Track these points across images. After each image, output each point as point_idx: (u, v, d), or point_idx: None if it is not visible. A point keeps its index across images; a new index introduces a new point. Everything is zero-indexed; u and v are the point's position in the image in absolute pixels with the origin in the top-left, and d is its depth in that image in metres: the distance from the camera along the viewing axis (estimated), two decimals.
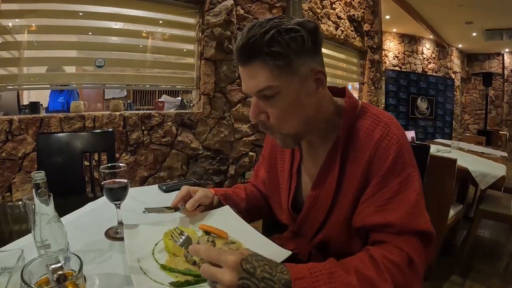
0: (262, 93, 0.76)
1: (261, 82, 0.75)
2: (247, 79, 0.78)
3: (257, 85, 0.75)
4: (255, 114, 0.79)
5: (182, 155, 3.07)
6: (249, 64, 0.75)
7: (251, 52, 0.73)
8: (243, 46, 0.74)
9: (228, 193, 1.09)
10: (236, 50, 0.76)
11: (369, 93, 5.50)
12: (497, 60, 10.11)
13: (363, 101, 0.91)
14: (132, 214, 1.02)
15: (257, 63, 0.74)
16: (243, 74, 0.78)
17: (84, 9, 2.72)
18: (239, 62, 0.78)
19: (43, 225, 0.69)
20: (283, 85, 0.75)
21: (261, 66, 0.74)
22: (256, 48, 0.72)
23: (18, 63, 2.57)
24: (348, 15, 4.80)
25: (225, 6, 3.13)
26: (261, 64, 0.74)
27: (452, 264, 2.43)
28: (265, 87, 0.75)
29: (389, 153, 0.77)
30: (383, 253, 0.69)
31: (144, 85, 3.47)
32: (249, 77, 0.77)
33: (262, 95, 0.77)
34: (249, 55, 0.74)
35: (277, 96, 0.76)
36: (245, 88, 0.79)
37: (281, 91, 0.76)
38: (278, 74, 0.74)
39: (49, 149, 1.69)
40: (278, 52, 0.72)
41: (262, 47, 0.71)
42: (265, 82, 0.74)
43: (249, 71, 0.76)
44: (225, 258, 0.59)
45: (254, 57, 0.73)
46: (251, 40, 0.72)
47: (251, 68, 0.75)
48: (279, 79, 0.75)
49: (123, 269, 0.74)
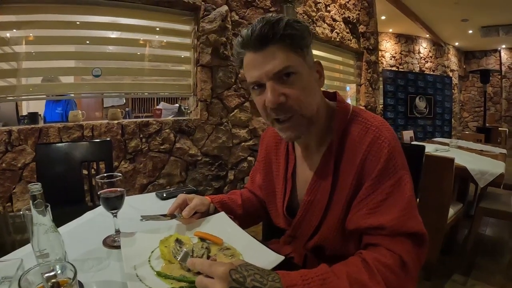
0: (281, 73, 0.79)
1: (281, 62, 0.78)
2: (263, 63, 0.79)
3: (277, 65, 0.78)
4: (275, 97, 0.79)
5: (181, 161, 3.08)
6: (266, 47, 0.79)
7: (268, 36, 0.78)
8: (261, 31, 0.78)
9: (224, 200, 1.10)
10: (250, 37, 0.79)
11: (367, 94, 5.51)
12: (494, 57, 10.12)
13: (354, 106, 0.93)
14: (130, 222, 1.03)
15: (274, 45, 0.79)
16: (258, 59, 0.80)
17: (81, 19, 2.75)
18: (254, 49, 0.80)
19: (41, 235, 0.70)
20: (298, 66, 0.80)
21: (279, 48, 0.79)
22: (273, 33, 0.77)
23: (16, 74, 2.60)
24: (343, 17, 4.83)
25: (220, 13, 3.16)
26: (278, 46, 0.79)
27: (454, 263, 2.43)
28: (285, 66, 0.78)
29: (380, 156, 0.79)
30: (376, 256, 0.70)
31: (142, 93, 3.49)
32: (267, 60, 0.79)
33: (280, 77, 0.79)
34: (266, 39, 0.78)
35: (294, 76, 0.80)
36: (261, 72, 0.80)
37: (298, 71, 0.80)
38: (294, 56, 0.80)
39: (48, 159, 1.71)
40: (293, 35, 0.79)
41: (278, 30, 0.77)
42: (285, 62, 0.78)
43: (266, 54, 0.79)
44: (215, 269, 0.61)
45: (272, 40, 0.78)
46: (267, 26, 0.77)
47: (269, 51, 0.79)
48: (296, 60, 0.80)
49: (120, 277, 0.76)
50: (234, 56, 0.88)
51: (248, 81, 0.85)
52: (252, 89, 0.85)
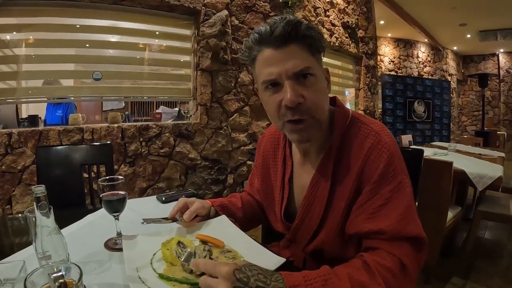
0: (301, 73, 0.79)
1: (303, 62, 0.79)
2: (284, 60, 0.79)
3: (299, 64, 0.78)
4: (296, 96, 0.78)
5: (181, 165, 3.09)
6: (287, 45, 0.79)
7: (291, 35, 0.78)
8: (284, 29, 0.78)
9: (225, 203, 1.10)
10: (270, 34, 0.79)
11: (366, 99, 5.53)
12: (492, 61, 10.16)
13: (353, 111, 0.93)
14: (131, 225, 1.04)
15: (295, 45, 0.80)
16: (278, 56, 0.80)
17: (81, 23, 2.75)
18: (274, 46, 0.80)
19: (44, 237, 0.71)
20: (316, 69, 0.81)
21: (300, 47, 0.80)
22: (296, 32, 0.79)
23: (16, 76, 2.60)
24: (342, 22, 4.85)
25: (220, 17, 3.18)
26: (299, 45, 0.80)
27: (453, 266, 2.43)
28: (306, 67, 0.79)
29: (380, 161, 0.79)
30: (376, 259, 0.71)
31: (142, 97, 3.50)
32: (288, 58, 0.79)
33: (298, 77, 0.79)
34: (289, 37, 0.79)
35: (312, 78, 0.80)
36: (281, 69, 0.79)
37: (315, 74, 0.81)
38: (312, 58, 0.81)
39: (49, 162, 1.71)
40: (313, 37, 0.80)
41: (300, 30, 0.79)
42: (306, 62, 0.79)
43: (287, 53, 0.79)
44: (219, 269, 0.62)
45: (294, 39, 0.79)
46: (290, 25, 0.78)
47: (290, 49, 0.79)
48: (314, 62, 0.81)
49: (122, 279, 0.76)
50: (245, 53, 0.87)
51: (264, 79, 0.82)
52: (265, 88, 0.84)
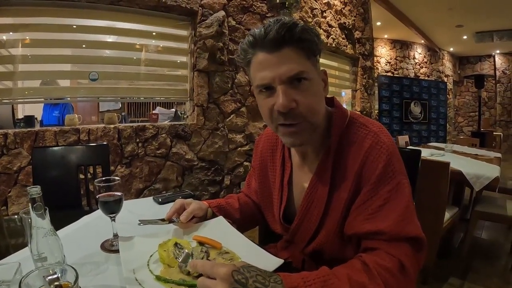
0: (295, 77, 0.78)
1: (297, 66, 0.77)
2: (277, 64, 0.77)
3: (293, 69, 0.77)
4: (288, 101, 0.77)
5: (177, 166, 3.07)
6: (281, 49, 0.77)
7: (285, 38, 0.77)
8: (277, 33, 0.76)
9: (222, 204, 1.09)
10: (264, 37, 0.78)
11: (362, 100, 5.54)
12: (489, 62, 10.24)
13: (351, 111, 0.93)
14: (127, 226, 1.03)
15: (290, 48, 0.78)
16: (271, 60, 0.78)
17: (78, 23, 2.74)
18: (268, 49, 0.78)
19: (40, 238, 0.70)
20: (311, 73, 0.80)
21: (294, 51, 0.78)
22: (290, 35, 0.77)
23: (12, 77, 2.58)
24: (339, 23, 4.87)
25: (217, 18, 3.17)
26: (293, 49, 0.78)
27: (451, 266, 2.44)
28: (300, 71, 0.78)
29: (378, 162, 0.79)
30: (375, 259, 0.70)
31: (138, 98, 3.48)
32: (281, 62, 0.77)
33: (291, 81, 0.78)
34: (283, 41, 0.77)
35: (306, 82, 0.79)
36: (275, 74, 0.78)
37: (310, 78, 0.79)
38: (307, 62, 0.79)
39: (45, 163, 1.70)
40: (308, 40, 0.78)
41: (295, 33, 0.77)
42: (300, 66, 0.78)
43: (281, 56, 0.78)
44: (217, 270, 0.61)
45: (288, 43, 0.77)
46: (284, 28, 0.76)
47: (284, 53, 0.77)
48: (309, 66, 0.79)
49: (118, 281, 0.75)
50: (240, 55, 0.85)
51: (257, 83, 0.82)
52: (259, 92, 0.83)
